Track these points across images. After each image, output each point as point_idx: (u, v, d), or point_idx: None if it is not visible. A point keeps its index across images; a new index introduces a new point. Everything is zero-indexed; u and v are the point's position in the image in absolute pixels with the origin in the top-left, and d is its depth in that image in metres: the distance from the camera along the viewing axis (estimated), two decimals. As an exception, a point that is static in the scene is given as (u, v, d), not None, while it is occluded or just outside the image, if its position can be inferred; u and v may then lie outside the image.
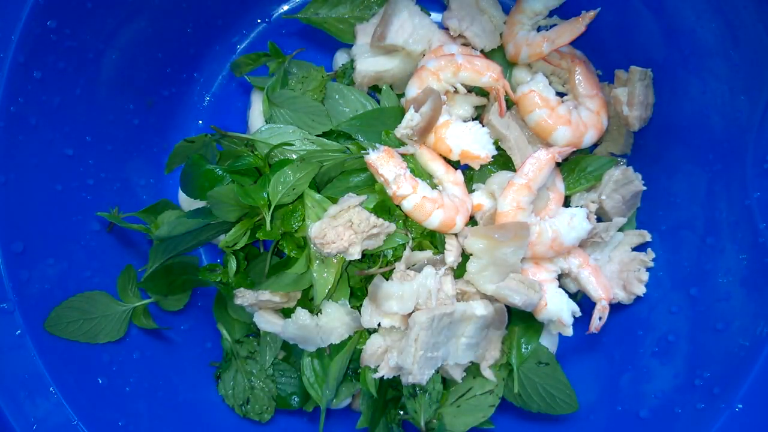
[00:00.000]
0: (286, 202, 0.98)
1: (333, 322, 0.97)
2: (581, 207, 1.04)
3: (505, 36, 1.11)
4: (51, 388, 0.86)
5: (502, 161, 1.07)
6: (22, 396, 0.85)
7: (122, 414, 0.93)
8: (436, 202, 0.96)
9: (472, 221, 1.03)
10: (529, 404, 1.02)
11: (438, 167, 1.01)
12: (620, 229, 1.09)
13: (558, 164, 1.03)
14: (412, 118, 0.98)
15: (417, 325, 0.90)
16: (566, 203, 1.07)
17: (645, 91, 1.04)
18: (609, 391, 1.03)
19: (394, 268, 0.96)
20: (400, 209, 0.97)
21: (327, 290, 0.96)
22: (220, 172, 1.00)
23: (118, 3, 0.98)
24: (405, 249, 0.97)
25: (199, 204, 1.05)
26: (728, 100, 0.95)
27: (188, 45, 1.16)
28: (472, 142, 1.00)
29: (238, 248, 1.02)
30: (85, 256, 0.99)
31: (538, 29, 1.09)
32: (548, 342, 1.06)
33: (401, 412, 1.04)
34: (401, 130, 0.99)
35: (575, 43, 1.06)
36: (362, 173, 1.01)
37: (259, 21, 1.23)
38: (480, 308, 0.95)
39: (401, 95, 1.09)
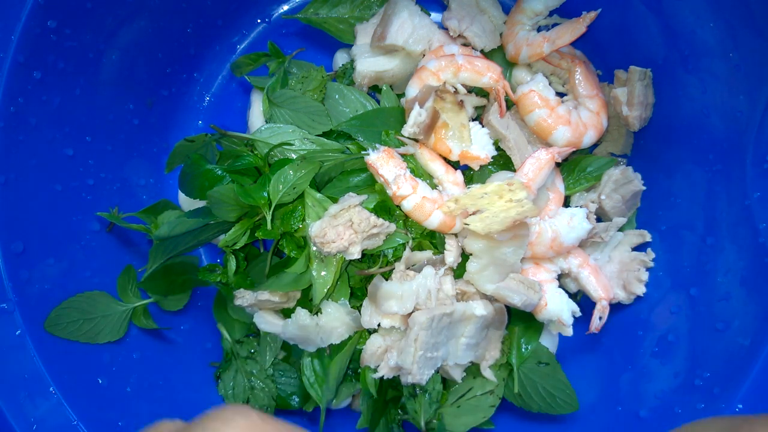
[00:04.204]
0: (287, 202, 0.98)
1: (333, 322, 0.97)
2: (581, 207, 1.04)
3: (505, 36, 1.11)
4: (51, 388, 0.86)
5: (502, 161, 1.07)
6: (22, 396, 0.84)
7: (122, 414, 0.93)
8: (436, 203, 0.95)
9: (472, 221, 1.03)
10: (530, 404, 1.02)
11: (438, 167, 1.01)
12: (620, 229, 1.09)
13: (558, 164, 1.03)
14: (420, 114, 0.97)
15: (417, 325, 0.90)
16: (566, 203, 1.07)
17: (645, 91, 1.04)
18: (609, 391, 1.03)
19: (394, 268, 0.96)
20: (400, 209, 0.97)
21: (326, 290, 0.96)
22: (220, 172, 1.00)
23: (118, 3, 0.98)
24: (405, 249, 0.97)
25: (199, 204, 1.05)
26: (728, 100, 0.95)
27: (188, 45, 1.16)
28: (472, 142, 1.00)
29: (238, 248, 1.02)
30: (85, 256, 0.99)
31: (539, 29, 1.09)
32: (548, 342, 1.06)
33: (401, 412, 1.04)
34: (409, 129, 0.98)
35: (575, 43, 1.06)
36: (362, 173, 1.01)
37: (259, 21, 1.23)
38: (480, 308, 0.95)
39: (401, 95, 1.09)
